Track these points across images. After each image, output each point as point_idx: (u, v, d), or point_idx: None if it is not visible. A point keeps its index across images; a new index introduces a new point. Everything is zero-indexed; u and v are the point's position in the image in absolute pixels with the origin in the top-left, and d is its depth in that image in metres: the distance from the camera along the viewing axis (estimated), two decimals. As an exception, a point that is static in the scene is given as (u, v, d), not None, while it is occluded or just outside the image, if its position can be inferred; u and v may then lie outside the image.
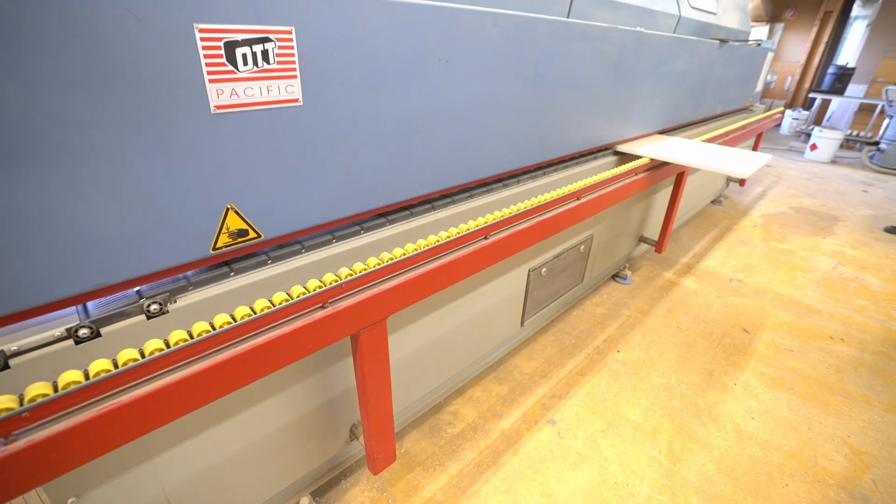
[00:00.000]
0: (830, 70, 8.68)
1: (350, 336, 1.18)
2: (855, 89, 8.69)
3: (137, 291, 0.98)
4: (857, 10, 8.97)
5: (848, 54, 9.35)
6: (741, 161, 2.36)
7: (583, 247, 2.52)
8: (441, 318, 1.75)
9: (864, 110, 8.18)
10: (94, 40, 0.73)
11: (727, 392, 2.24)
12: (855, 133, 7.76)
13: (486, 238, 1.45)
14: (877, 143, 6.89)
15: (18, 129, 0.71)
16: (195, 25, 0.82)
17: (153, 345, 0.85)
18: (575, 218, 1.83)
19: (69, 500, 0.98)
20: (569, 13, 1.95)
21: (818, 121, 9.01)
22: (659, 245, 3.16)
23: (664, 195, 3.32)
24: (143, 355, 0.84)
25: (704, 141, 3.04)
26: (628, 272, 3.26)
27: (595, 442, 1.92)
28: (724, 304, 3.01)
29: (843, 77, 8.57)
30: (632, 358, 2.45)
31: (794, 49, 9.78)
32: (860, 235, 4.27)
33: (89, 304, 0.95)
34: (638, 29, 2.20)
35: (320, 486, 1.64)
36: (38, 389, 0.74)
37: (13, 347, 0.82)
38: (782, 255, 3.78)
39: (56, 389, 0.76)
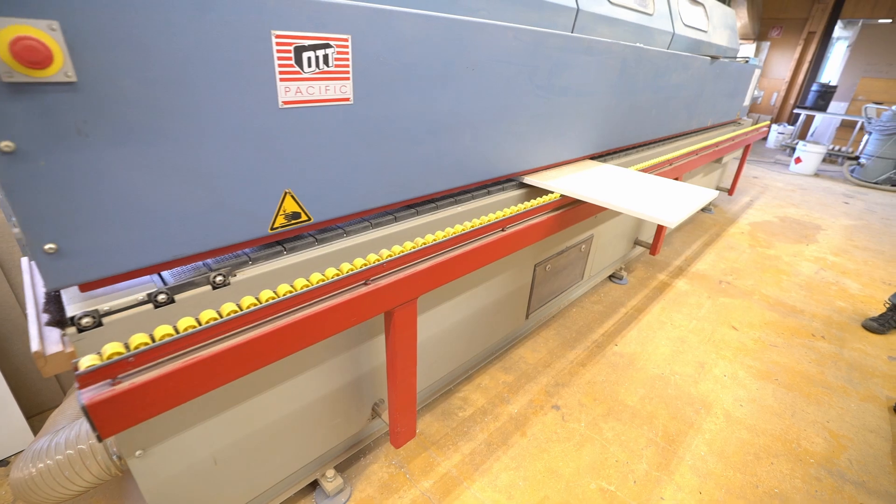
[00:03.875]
0: (814, 87, 9.04)
1: (384, 313, 1.30)
2: (837, 106, 9.06)
3: (205, 264, 1.10)
4: (838, 31, 9.38)
5: (830, 73, 9.76)
6: (674, 201, 1.75)
7: (583, 246, 2.67)
8: (454, 308, 1.88)
9: (846, 126, 8.54)
10: (193, 42, 0.86)
11: (718, 382, 2.39)
12: (837, 148, 8.08)
13: (503, 230, 1.59)
14: (857, 158, 7.20)
15: (129, 117, 0.83)
16: (272, 32, 0.95)
17: (228, 308, 0.97)
18: (580, 217, 1.97)
19: (136, 453, 1.09)
20: (573, 29, 2.12)
21: (802, 135, 9.36)
22: (653, 248, 3.32)
23: (658, 200, 3.49)
24: (221, 316, 0.96)
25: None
26: (624, 273, 3.42)
27: (597, 425, 2.05)
28: (714, 304, 3.18)
29: (826, 94, 8.94)
30: (629, 351, 2.59)
31: (779, 67, 10.16)
32: (841, 243, 4.49)
33: (164, 274, 1.06)
34: (637, 45, 2.37)
35: (343, 461, 1.74)
36: (139, 339, 0.86)
37: (105, 308, 0.93)
38: (768, 261, 3.97)
39: (154, 340, 0.87)
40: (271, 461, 1.45)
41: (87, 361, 0.80)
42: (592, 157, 2.52)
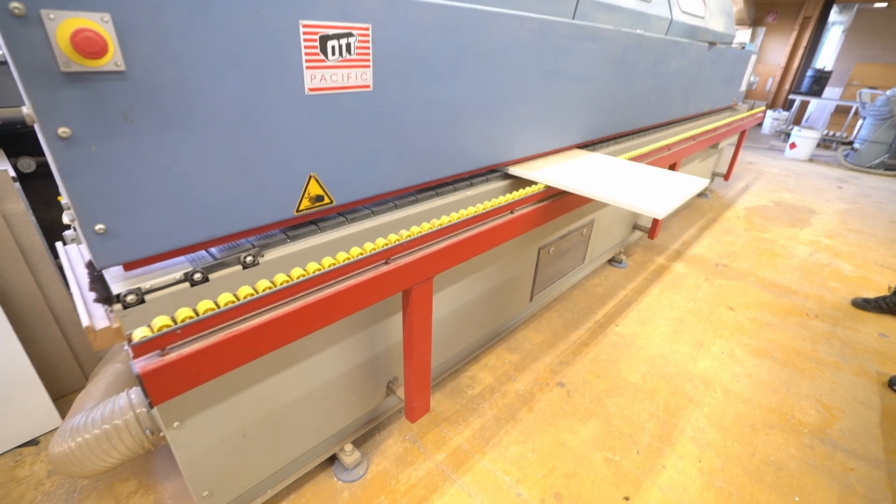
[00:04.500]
0: (809, 73, 9.09)
1: (402, 291, 1.37)
2: (831, 91, 9.12)
3: (237, 245, 1.16)
4: (834, 16, 9.40)
5: (825, 58, 9.80)
6: (664, 191, 1.72)
7: (585, 230, 2.74)
8: (461, 290, 1.95)
9: (840, 112, 8.61)
10: (230, 32, 0.91)
11: (715, 360, 2.48)
12: (831, 133, 8.17)
13: (511, 213, 1.65)
14: (851, 143, 7.29)
15: (170, 104, 0.88)
16: (300, 21, 1.00)
17: (263, 285, 1.03)
18: (582, 202, 2.04)
19: (174, 424, 1.16)
20: (574, 15, 2.16)
21: (797, 121, 9.43)
22: (651, 232, 3.40)
23: (657, 186, 3.56)
24: (257, 292, 1.02)
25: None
26: (623, 257, 3.50)
27: (600, 400, 2.14)
28: (711, 286, 3.27)
29: (821, 80, 8.99)
30: (629, 331, 2.68)
31: (774, 52, 10.19)
32: (835, 227, 4.59)
33: (199, 253, 1.12)
34: (638, 31, 2.42)
35: (359, 436, 1.82)
36: (185, 313, 0.92)
37: (146, 286, 0.99)
38: (764, 244, 4.06)
39: (198, 314, 0.93)
40: (294, 435, 1.52)
41: (139, 333, 0.86)
42: (595, 142, 2.58)
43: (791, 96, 8.84)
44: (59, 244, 1.29)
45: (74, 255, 1.23)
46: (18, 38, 0.70)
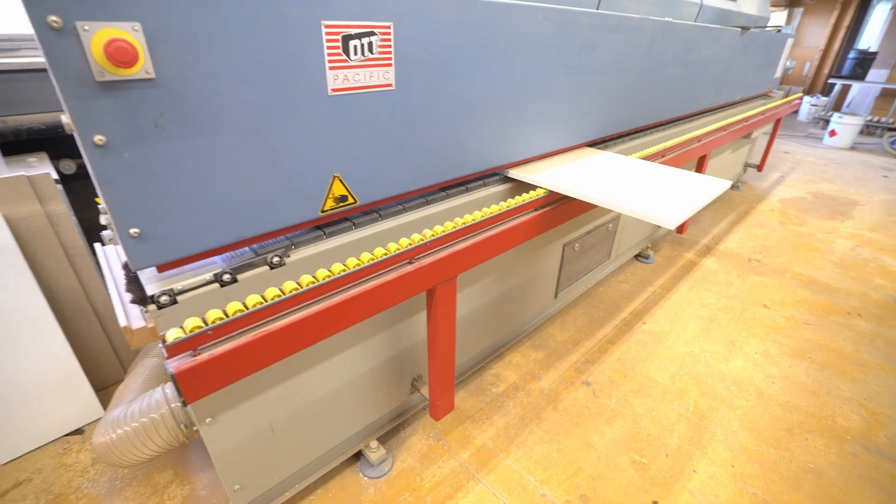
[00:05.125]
0: (851, 55, 8.61)
1: (426, 291, 1.37)
2: (876, 74, 8.60)
3: (263, 246, 1.17)
4: (879, -6, 8.85)
5: (869, 38, 9.25)
6: (679, 195, 1.58)
7: (611, 225, 2.67)
8: (486, 287, 1.93)
9: (886, 95, 8.12)
10: (253, 36, 0.91)
11: (749, 360, 2.39)
12: (875, 119, 7.72)
13: (535, 210, 1.62)
14: (898, 129, 6.88)
15: (198, 109, 0.90)
16: (322, 22, 1.00)
17: (289, 286, 1.05)
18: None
19: (207, 420, 1.19)
20: (598, 4, 2.10)
21: (837, 107, 8.96)
22: (680, 227, 3.30)
23: (687, 179, 3.45)
24: (284, 293, 1.03)
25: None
26: (650, 252, 3.41)
27: (627, 401, 2.09)
28: (743, 282, 3.15)
29: (865, 62, 8.50)
30: (657, 329, 2.61)
31: (813, 34, 9.68)
32: (879, 219, 4.35)
33: (226, 255, 1.14)
34: (667, 19, 2.33)
35: (384, 433, 1.84)
36: (215, 314, 0.94)
37: (179, 287, 1.02)
38: (800, 238, 3.89)
39: (227, 315, 0.95)
40: (321, 432, 1.55)
41: (173, 334, 0.89)
42: (617, 136, 2.51)
43: (831, 80, 8.39)
44: (97, 245, 1.34)
45: (112, 256, 1.27)
46: (56, 50, 0.72)
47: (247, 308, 0.98)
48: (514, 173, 1.76)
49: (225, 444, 1.26)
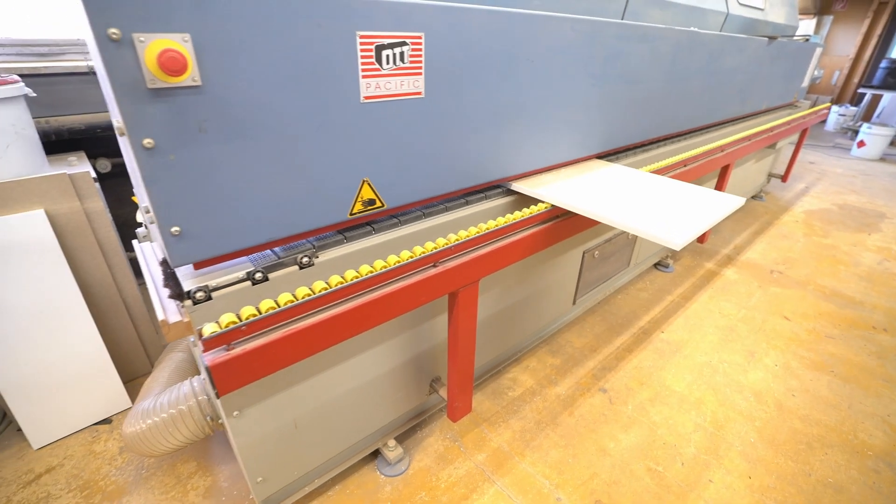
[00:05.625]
0: (883, 64, 8.38)
1: (448, 294, 1.40)
2: (908, 84, 8.36)
3: (293, 246, 1.22)
4: (912, 1, 8.61)
5: (901, 48, 9.00)
6: (687, 212, 1.51)
7: (631, 233, 2.67)
8: (506, 291, 1.95)
9: (918, 106, 7.89)
10: (292, 45, 0.96)
11: (768, 372, 2.36)
12: (906, 130, 7.50)
13: (557, 218, 1.64)
14: (930, 140, 6.68)
15: (239, 115, 0.94)
16: (357, 32, 1.04)
17: (319, 285, 1.09)
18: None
19: (234, 413, 1.24)
20: (623, 15, 2.11)
21: (867, 117, 8.73)
22: (701, 236, 3.27)
23: (708, 187, 3.41)
24: (314, 292, 1.07)
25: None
26: (670, 261, 3.38)
27: (644, 409, 2.09)
28: (764, 294, 3.11)
29: (896, 71, 8.27)
30: (675, 338, 2.59)
31: (843, 42, 9.47)
32: (908, 232, 4.24)
33: (257, 254, 1.19)
34: (692, 29, 2.33)
35: (401, 433, 1.87)
36: (249, 311, 0.98)
37: (213, 284, 1.07)
38: (825, 250, 3.81)
39: (260, 312, 1.00)
40: (341, 429, 1.58)
41: (209, 329, 0.93)
42: (639, 146, 2.51)
43: (861, 90, 8.19)
44: (135, 242, 1.40)
45: (148, 252, 1.33)
46: (115, 59, 0.77)
47: (279, 305, 1.02)
48: (518, 185, 1.73)
49: (250, 436, 1.30)
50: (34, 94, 1.83)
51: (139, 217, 1.76)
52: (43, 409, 1.85)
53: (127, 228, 2.44)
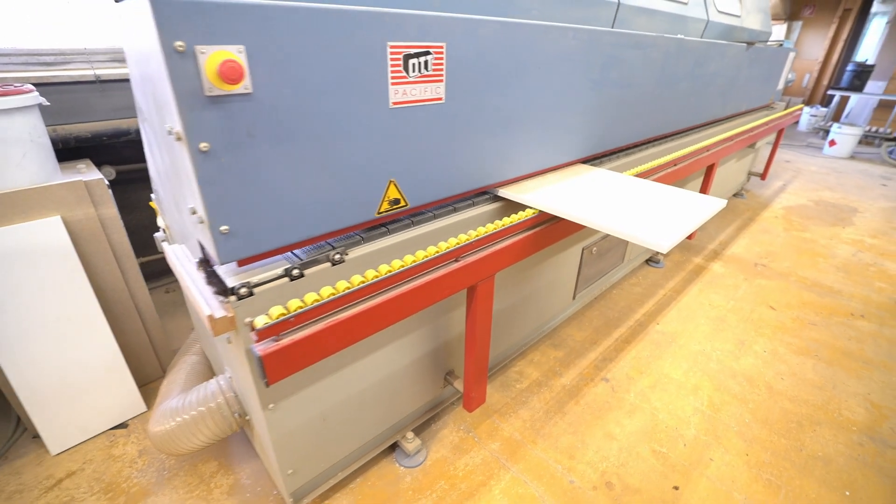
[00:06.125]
0: (849, 67, 8.81)
1: (468, 288, 1.48)
2: (874, 86, 8.80)
3: (327, 243, 1.28)
4: (876, 6, 9.08)
5: (867, 51, 9.46)
6: (672, 215, 1.55)
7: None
8: (511, 288, 2.04)
9: (884, 107, 8.31)
10: (330, 56, 1.03)
11: (758, 358, 2.50)
12: (874, 129, 7.89)
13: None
14: None
15: (283, 120, 1.01)
16: (388, 43, 1.12)
17: (357, 279, 1.15)
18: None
19: (269, 405, 1.29)
20: (613, 23, 2.23)
21: (836, 117, 9.14)
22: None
23: (693, 186, 3.57)
24: (352, 285, 1.14)
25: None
26: (661, 257, 3.52)
27: (645, 395, 2.19)
28: (750, 286, 3.26)
29: (863, 74, 8.70)
30: (670, 329, 2.72)
31: (811, 47, 9.90)
32: (879, 226, 4.48)
33: (297, 252, 1.26)
34: (679, 36, 2.47)
35: (417, 426, 1.93)
36: (295, 304, 1.05)
37: (255, 280, 1.13)
38: (804, 244, 4.01)
39: (306, 304, 1.06)
40: (364, 421, 1.64)
41: (261, 321, 0.99)
42: (633, 146, 2.63)
43: (830, 92, 8.58)
44: (164, 244, 1.45)
45: (179, 253, 1.38)
46: (179, 69, 0.84)
47: (322, 298, 1.09)
48: (507, 191, 1.77)
49: (283, 429, 1.36)
50: (48, 103, 1.86)
51: (159, 222, 1.81)
52: (60, 414, 1.86)
53: (133, 235, 2.46)
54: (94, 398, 1.94)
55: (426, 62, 1.22)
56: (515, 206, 1.75)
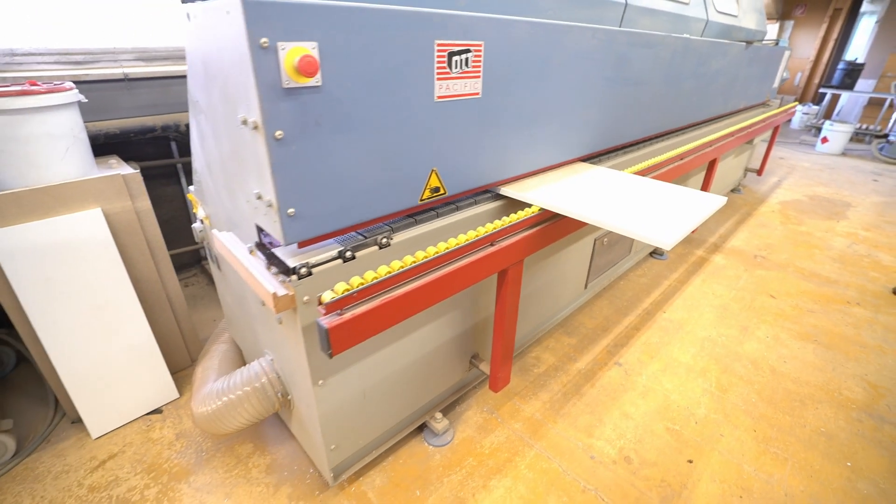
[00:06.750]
0: (840, 66, 9.01)
1: (498, 273, 1.57)
2: (864, 84, 9.01)
3: (372, 229, 1.37)
4: (866, 6, 9.29)
5: (857, 50, 9.68)
6: (674, 212, 1.58)
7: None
8: (532, 275, 2.14)
9: (874, 104, 8.52)
10: (389, 52, 1.12)
11: (761, 343, 2.62)
12: (864, 126, 8.10)
13: (583, 203, 1.83)
14: (886, 136, 7.24)
15: (345, 111, 1.10)
16: (436, 41, 1.21)
17: (409, 259, 1.24)
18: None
19: (319, 381, 1.38)
20: (620, 22, 2.33)
21: (828, 115, 9.35)
22: (692, 225, 3.53)
23: (696, 181, 3.70)
24: (405, 265, 1.23)
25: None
26: (664, 249, 3.64)
27: (657, 378, 2.30)
28: (751, 276, 3.39)
29: (853, 72, 8.90)
30: (677, 317, 2.83)
31: (803, 46, 10.11)
32: (872, 219, 4.63)
33: (343, 237, 1.34)
34: (685, 36, 2.58)
35: (444, 407, 2.03)
36: (356, 280, 1.13)
37: (312, 261, 1.21)
38: (800, 236, 4.15)
39: (366, 281, 1.15)
40: (400, 398, 1.73)
41: (328, 295, 1.08)
42: (640, 142, 2.74)
43: (822, 90, 8.78)
44: (215, 231, 1.52)
45: (230, 240, 1.45)
46: (263, 64, 0.92)
47: (380, 276, 1.18)
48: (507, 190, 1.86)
49: (329, 404, 1.45)
50: (86, 100, 1.93)
51: (199, 213, 1.89)
52: (101, 399, 1.93)
53: (164, 227, 2.52)
54: (130, 384, 2.01)
55: (467, 59, 1.31)
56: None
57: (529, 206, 1.67)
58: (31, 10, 2.30)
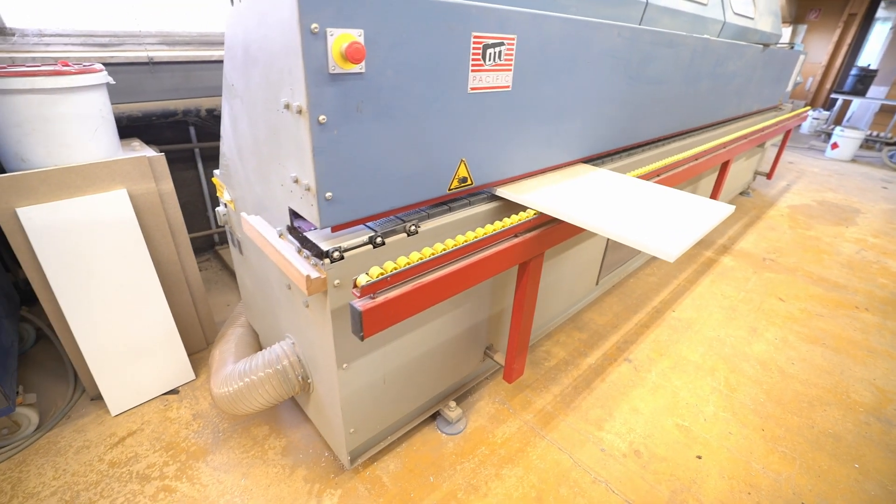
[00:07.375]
0: (853, 72, 8.95)
1: (519, 265, 1.59)
2: (876, 91, 8.96)
3: (397, 217, 1.39)
4: (881, 12, 9.23)
5: (870, 56, 9.62)
6: (678, 221, 1.49)
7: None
8: (546, 270, 2.15)
9: (885, 111, 8.48)
10: (428, 43, 1.14)
11: (770, 344, 2.64)
12: (875, 133, 8.07)
13: (603, 199, 1.85)
14: (896, 144, 7.22)
15: (385, 99, 1.12)
16: (472, 33, 1.23)
17: (439, 247, 1.27)
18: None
19: (343, 365, 1.40)
20: (641, 21, 2.33)
21: (838, 121, 9.32)
22: (702, 226, 3.55)
23: (707, 182, 3.71)
24: (435, 252, 1.26)
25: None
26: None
27: (666, 375, 2.33)
28: (759, 279, 3.41)
29: (866, 79, 8.85)
30: (685, 316, 2.85)
31: (816, 50, 10.06)
32: (881, 226, 4.64)
33: (371, 224, 1.36)
34: (706, 36, 2.58)
35: (457, 396, 2.06)
36: (389, 265, 1.16)
37: (344, 245, 1.24)
38: (809, 241, 4.16)
39: (399, 266, 1.17)
40: (417, 385, 1.76)
41: (363, 279, 1.10)
42: (656, 140, 2.75)
43: (833, 95, 8.74)
44: (243, 214, 1.55)
45: (260, 224, 1.47)
46: (312, 49, 0.94)
47: (411, 262, 1.20)
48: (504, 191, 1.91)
49: (352, 388, 1.47)
50: (114, 82, 1.94)
51: (225, 196, 1.91)
52: (121, 377, 1.96)
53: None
54: (149, 364, 2.04)
55: (500, 52, 1.33)
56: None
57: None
58: (57, -9, 2.31)
